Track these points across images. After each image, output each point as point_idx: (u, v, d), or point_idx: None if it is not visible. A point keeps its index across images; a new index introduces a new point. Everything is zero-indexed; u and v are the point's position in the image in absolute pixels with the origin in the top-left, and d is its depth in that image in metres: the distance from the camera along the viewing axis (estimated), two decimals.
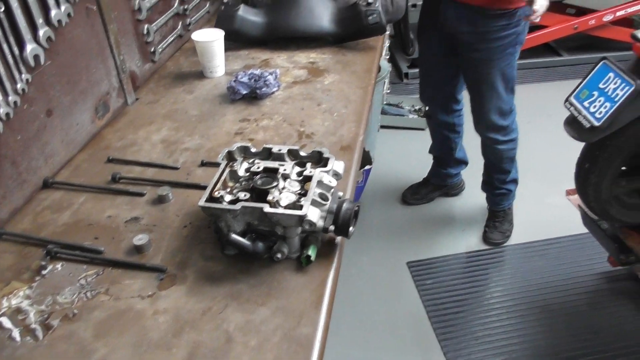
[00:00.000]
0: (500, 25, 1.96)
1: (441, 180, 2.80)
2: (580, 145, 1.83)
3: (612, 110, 1.55)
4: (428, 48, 2.34)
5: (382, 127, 3.36)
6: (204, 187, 1.12)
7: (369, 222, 2.71)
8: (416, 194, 2.84)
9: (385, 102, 3.49)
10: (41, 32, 1.13)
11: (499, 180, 2.48)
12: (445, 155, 2.70)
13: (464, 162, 2.76)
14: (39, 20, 1.13)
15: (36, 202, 1.15)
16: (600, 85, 1.60)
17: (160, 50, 1.70)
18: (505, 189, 2.50)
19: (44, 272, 0.97)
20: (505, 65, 2.08)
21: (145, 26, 1.59)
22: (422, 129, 3.39)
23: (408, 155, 3.21)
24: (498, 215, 2.58)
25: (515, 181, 2.51)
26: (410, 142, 3.33)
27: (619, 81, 1.55)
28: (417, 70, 3.88)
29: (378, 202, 2.84)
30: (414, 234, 2.64)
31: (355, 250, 2.52)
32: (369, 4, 1.73)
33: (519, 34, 2.02)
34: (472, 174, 2.60)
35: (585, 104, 1.63)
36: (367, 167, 2.65)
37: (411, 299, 2.30)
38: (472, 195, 2.81)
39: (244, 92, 1.51)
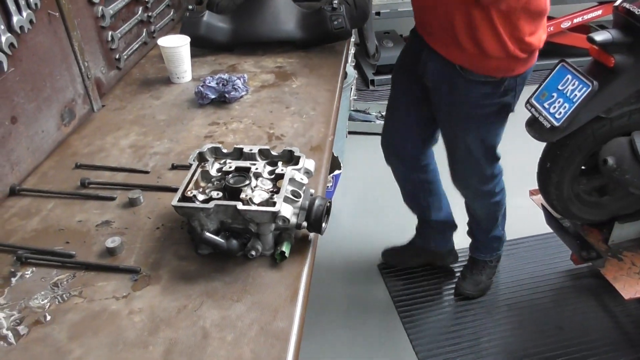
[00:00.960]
0: (482, 93, 1.66)
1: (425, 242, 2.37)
2: (542, 146, 1.89)
3: (570, 110, 1.60)
4: (402, 91, 1.95)
5: (350, 133, 3.40)
6: (175, 190, 1.12)
7: (339, 226, 2.73)
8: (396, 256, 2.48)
9: (352, 109, 3.53)
10: (3, 39, 1.12)
11: (480, 232, 2.21)
12: (422, 215, 2.30)
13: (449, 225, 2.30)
14: (0, 27, 1.12)
15: (3, 210, 1.13)
16: (559, 87, 1.66)
17: (125, 57, 1.69)
18: (487, 242, 2.22)
19: (14, 278, 0.95)
20: (485, 132, 1.78)
21: (110, 33, 1.58)
22: None
23: (376, 160, 3.24)
24: (477, 264, 2.27)
25: (498, 239, 2.21)
26: (378, 147, 3.34)
27: (577, 82, 1.61)
28: (382, 77, 3.99)
29: (348, 206, 2.87)
30: (384, 237, 2.66)
31: (327, 254, 2.53)
32: (333, 9, 1.76)
33: (505, 105, 1.71)
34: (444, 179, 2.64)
35: (545, 105, 1.68)
36: (336, 172, 2.68)
37: (383, 301, 2.32)
38: None
39: (213, 96, 1.51)
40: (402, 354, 2.09)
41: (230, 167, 1.03)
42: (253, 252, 0.97)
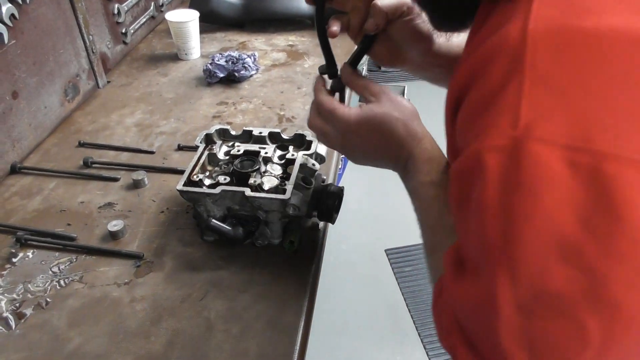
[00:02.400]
0: None
1: None
2: None
3: None
4: None
5: None
6: (181, 172, 1.08)
7: (347, 210, 2.68)
8: None
9: None
10: (4, 9, 1.07)
11: None
12: None
13: None
14: None
15: (4, 188, 1.09)
16: None
17: (132, 31, 1.64)
18: None
19: (14, 259, 0.92)
20: None
21: (116, 6, 1.52)
22: None
23: None
24: None
25: None
26: None
27: None
28: None
29: (356, 190, 2.83)
30: (392, 221, 2.63)
31: (334, 238, 2.50)
32: None
33: None
34: None
35: None
36: None
37: (389, 286, 2.30)
38: None
39: (221, 75, 1.46)
40: (408, 340, 2.07)
41: (238, 151, 0.99)
42: (261, 241, 0.93)
